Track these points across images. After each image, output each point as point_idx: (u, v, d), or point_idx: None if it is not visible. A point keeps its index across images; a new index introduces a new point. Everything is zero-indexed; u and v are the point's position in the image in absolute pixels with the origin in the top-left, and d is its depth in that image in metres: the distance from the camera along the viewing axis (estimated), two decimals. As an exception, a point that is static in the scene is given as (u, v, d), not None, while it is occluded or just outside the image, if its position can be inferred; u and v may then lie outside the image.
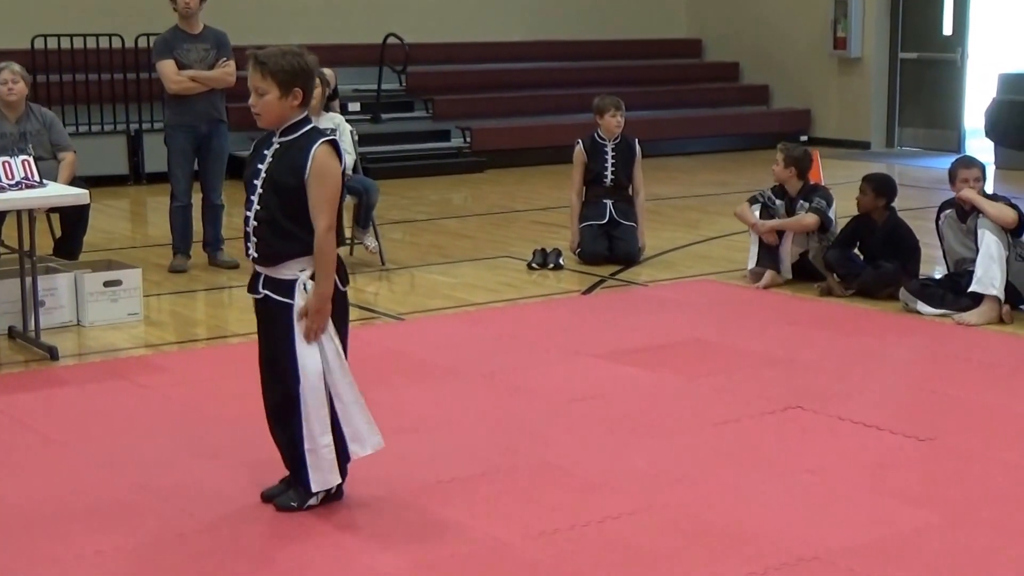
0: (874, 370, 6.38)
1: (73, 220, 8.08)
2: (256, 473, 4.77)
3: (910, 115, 16.34)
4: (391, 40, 14.58)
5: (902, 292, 7.59)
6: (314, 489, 4.46)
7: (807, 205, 8.17)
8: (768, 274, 8.20)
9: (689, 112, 16.79)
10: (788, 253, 8.22)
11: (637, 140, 9.35)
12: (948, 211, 7.60)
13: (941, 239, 7.66)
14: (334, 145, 4.38)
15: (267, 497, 4.59)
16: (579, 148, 9.27)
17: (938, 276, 7.93)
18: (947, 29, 15.91)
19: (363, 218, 8.95)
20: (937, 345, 6.87)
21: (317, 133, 4.40)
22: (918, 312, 7.45)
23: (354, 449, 4.46)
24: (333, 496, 4.56)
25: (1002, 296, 7.22)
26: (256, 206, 4.36)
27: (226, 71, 8.68)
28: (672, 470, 4.98)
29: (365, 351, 6.73)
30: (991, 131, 14.49)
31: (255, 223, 4.36)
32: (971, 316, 7.23)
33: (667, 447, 5.23)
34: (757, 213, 8.35)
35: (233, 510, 4.54)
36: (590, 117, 9.38)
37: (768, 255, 8.25)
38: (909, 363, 6.60)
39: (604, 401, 5.86)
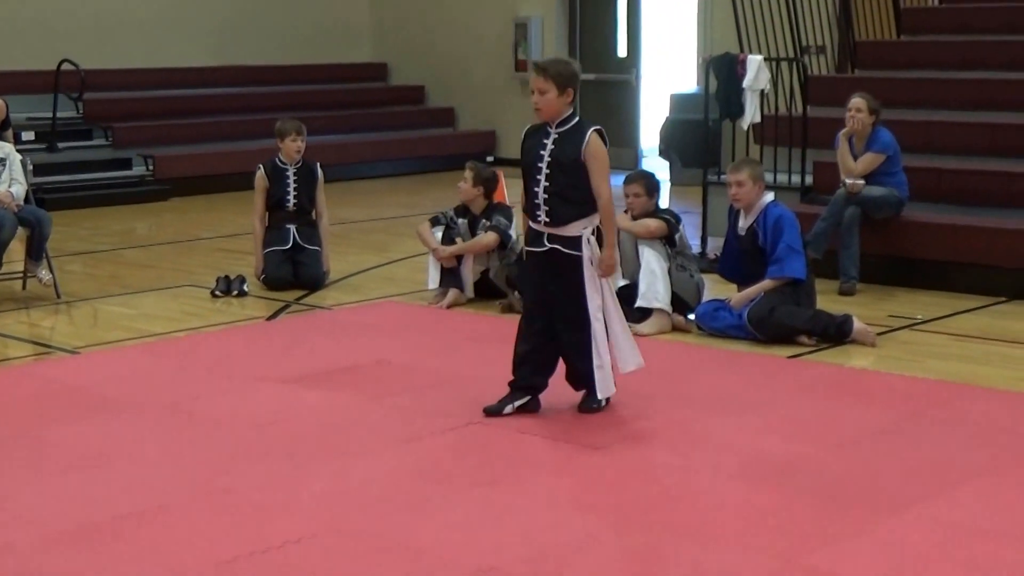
0: (552, 383, 6.56)
1: None
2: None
3: (590, 135, 16.85)
4: (66, 66, 14.12)
5: (579, 306, 7.81)
6: (600, 396, 5.83)
7: (487, 224, 8.35)
8: (451, 293, 8.33)
9: (376, 135, 16.90)
10: (470, 271, 8.38)
11: (319, 164, 9.35)
12: (625, 220, 7.87)
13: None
14: (601, 134, 5.64)
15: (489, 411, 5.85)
16: (260, 173, 9.21)
17: (618, 287, 8.20)
18: (621, 51, 16.54)
19: (35, 250, 8.64)
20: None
21: (588, 124, 5.66)
22: (595, 325, 7.69)
23: (619, 366, 5.84)
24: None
25: (668, 308, 7.54)
26: (544, 182, 5.65)
27: None
28: (355, 490, 5.01)
29: (38, 387, 6.55)
30: (665, 149, 15.11)
31: (545, 196, 5.66)
32: (644, 327, 7.51)
33: (351, 467, 5.25)
34: (439, 234, 8.47)
35: None
36: (275, 142, 9.31)
37: (450, 275, 8.38)
38: (586, 374, 6.79)
39: (287, 426, 5.83)
